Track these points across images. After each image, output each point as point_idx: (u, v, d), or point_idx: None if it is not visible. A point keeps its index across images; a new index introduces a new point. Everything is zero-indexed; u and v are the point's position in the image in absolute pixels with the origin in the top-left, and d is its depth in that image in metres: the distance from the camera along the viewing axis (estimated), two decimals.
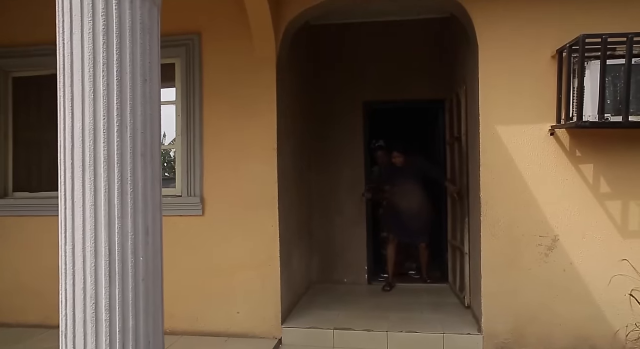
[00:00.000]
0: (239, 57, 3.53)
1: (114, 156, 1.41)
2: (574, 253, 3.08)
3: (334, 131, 4.92)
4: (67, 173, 1.43)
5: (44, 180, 4.08)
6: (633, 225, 3.03)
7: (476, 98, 3.33)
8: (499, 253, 3.17)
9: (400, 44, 4.79)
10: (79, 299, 1.41)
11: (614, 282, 3.00)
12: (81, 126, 1.41)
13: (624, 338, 2.98)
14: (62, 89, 1.44)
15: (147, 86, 1.51)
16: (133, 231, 1.44)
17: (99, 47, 1.40)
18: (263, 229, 3.48)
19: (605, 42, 2.64)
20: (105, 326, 1.40)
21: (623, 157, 3.05)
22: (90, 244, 1.40)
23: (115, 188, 1.41)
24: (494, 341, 3.18)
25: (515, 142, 3.17)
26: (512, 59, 3.17)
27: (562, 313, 3.10)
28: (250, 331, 3.47)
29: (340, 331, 3.39)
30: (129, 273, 1.43)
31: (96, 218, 1.40)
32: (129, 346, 1.43)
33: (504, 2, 3.15)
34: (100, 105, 1.40)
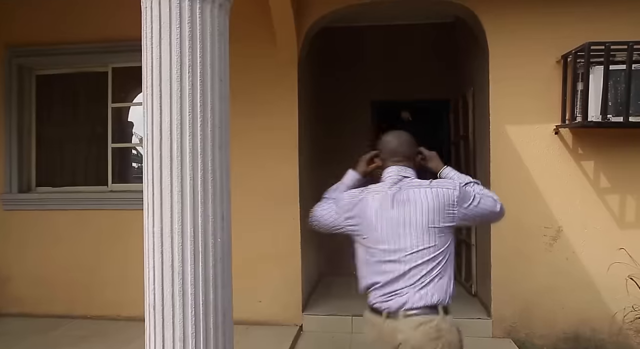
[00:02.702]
0: (261, 60, 3.69)
1: (198, 148, 1.59)
2: (576, 243, 3.34)
3: (343, 130, 5.11)
4: (156, 163, 1.58)
5: (67, 175, 4.20)
6: (630, 216, 3.31)
7: (485, 99, 3.56)
8: (508, 243, 3.41)
9: (407, 47, 5.02)
10: (167, 275, 1.58)
11: (612, 269, 3.26)
12: (169, 121, 1.57)
13: (621, 320, 3.25)
14: (150, 87, 1.61)
15: (222, 86, 1.70)
16: (213, 215, 1.62)
17: (185, 51, 1.58)
18: (285, 222, 3.67)
19: (609, 49, 2.90)
20: (191, 299, 1.57)
21: (621, 155, 3.32)
22: (178, 226, 1.57)
23: (199, 177, 1.59)
24: (503, 325, 3.42)
25: (522, 141, 3.41)
26: (520, 63, 3.41)
27: (564, 298, 3.35)
28: (272, 319, 3.65)
29: (358, 317, 3.58)
30: (209, 253, 1.61)
31: (183, 203, 1.57)
32: (210, 317, 1.61)
33: (514, 11, 3.39)
34: (187, 103, 1.58)
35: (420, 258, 1.67)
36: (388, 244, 1.71)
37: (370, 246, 1.76)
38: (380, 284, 1.72)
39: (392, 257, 1.70)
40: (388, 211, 1.73)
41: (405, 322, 1.65)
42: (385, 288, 1.71)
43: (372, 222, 1.75)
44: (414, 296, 1.66)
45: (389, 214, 1.72)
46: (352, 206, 1.82)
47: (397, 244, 1.69)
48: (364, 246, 1.79)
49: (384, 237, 1.72)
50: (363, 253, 1.81)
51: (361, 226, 1.78)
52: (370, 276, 1.77)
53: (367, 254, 1.78)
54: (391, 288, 1.70)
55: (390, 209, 1.73)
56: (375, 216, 1.74)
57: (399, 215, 1.71)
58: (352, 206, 1.82)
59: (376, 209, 1.75)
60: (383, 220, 1.72)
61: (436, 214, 1.69)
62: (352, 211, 1.81)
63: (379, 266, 1.73)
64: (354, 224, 1.81)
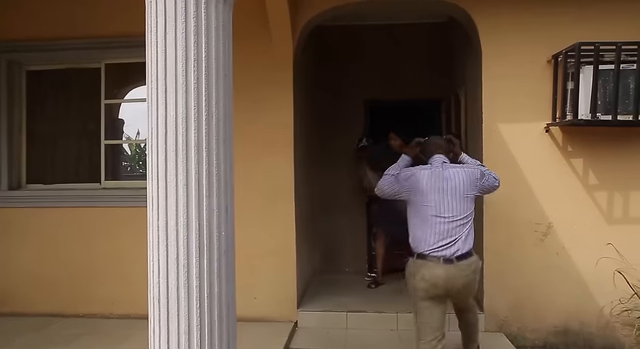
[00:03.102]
0: (257, 56, 3.69)
1: (203, 142, 1.59)
2: (565, 238, 3.42)
3: (337, 128, 5.15)
4: (161, 156, 1.59)
5: (58, 172, 4.15)
6: (617, 213, 3.40)
7: (478, 98, 3.63)
8: (499, 239, 3.48)
9: (401, 46, 5.07)
10: (172, 268, 1.58)
11: (600, 264, 3.35)
12: (174, 115, 1.58)
13: (609, 313, 3.35)
14: (155, 81, 1.61)
15: (227, 81, 1.71)
16: (217, 208, 1.63)
17: (190, 45, 1.58)
18: (280, 218, 3.68)
19: (598, 49, 2.98)
20: (196, 292, 1.58)
21: (609, 152, 3.41)
22: (183, 220, 1.58)
23: (204, 170, 1.59)
24: (495, 319, 3.49)
25: (514, 139, 3.49)
26: (512, 63, 3.48)
27: (555, 292, 3.43)
28: (267, 316, 3.66)
29: (353, 313, 3.64)
30: (214, 246, 1.62)
31: (188, 196, 1.58)
32: (215, 310, 1.62)
33: (507, 11, 3.46)
34: (192, 97, 1.58)
35: (461, 218, 2.44)
36: (439, 207, 2.43)
37: (423, 210, 2.45)
38: (436, 239, 2.42)
39: (443, 218, 2.42)
40: (438, 182, 2.47)
41: (458, 264, 2.40)
42: (440, 242, 2.42)
43: (425, 191, 2.47)
44: (461, 245, 2.42)
45: (438, 185, 2.46)
46: (407, 179, 2.55)
47: (447, 207, 2.43)
48: (419, 208, 2.48)
49: (435, 202, 2.44)
50: (416, 216, 2.50)
51: (414, 192, 2.50)
52: (426, 234, 2.44)
53: (419, 215, 2.48)
54: (445, 241, 2.41)
55: (440, 181, 2.47)
56: (426, 186, 2.48)
57: (445, 186, 2.46)
58: (407, 179, 2.55)
59: (427, 181, 2.48)
60: (434, 189, 2.46)
61: (468, 186, 2.48)
62: (407, 181, 2.54)
63: (434, 227, 2.43)
64: (409, 191, 2.53)
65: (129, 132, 5.94)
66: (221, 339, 1.62)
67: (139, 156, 11.94)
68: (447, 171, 2.50)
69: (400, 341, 3.35)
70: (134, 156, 12.29)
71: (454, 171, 2.50)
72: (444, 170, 2.51)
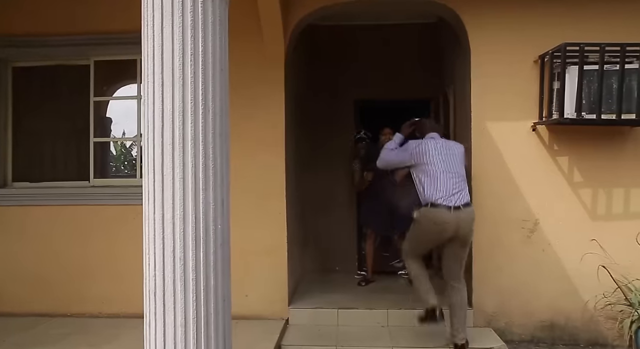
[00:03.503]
0: (249, 54, 3.70)
1: (199, 136, 1.60)
2: (552, 235, 3.50)
3: (327, 128, 5.17)
4: (157, 150, 1.59)
5: (46, 170, 4.10)
6: (601, 209, 3.49)
7: (467, 97, 3.69)
8: (488, 235, 3.54)
9: (391, 47, 5.11)
10: (169, 261, 1.59)
11: (585, 259, 3.43)
12: (171, 109, 1.59)
13: (593, 307, 3.43)
14: (152, 75, 1.61)
15: (223, 75, 1.72)
16: (214, 202, 1.64)
17: (187, 39, 1.59)
18: (272, 216, 3.69)
19: (583, 50, 3.06)
20: (193, 284, 1.59)
21: (593, 150, 3.50)
22: (180, 212, 1.58)
23: (200, 163, 1.60)
24: (483, 315, 3.55)
25: (502, 137, 3.56)
26: (500, 63, 3.55)
27: (541, 287, 3.51)
28: (259, 313, 3.66)
29: (344, 310, 3.66)
30: (210, 239, 1.63)
31: (184, 190, 1.58)
32: (211, 303, 1.63)
33: (495, 12, 3.53)
34: (189, 91, 1.59)
35: (462, 176, 3.12)
36: (444, 167, 3.07)
37: (432, 169, 3.07)
38: (445, 190, 3.03)
39: (449, 175, 3.05)
40: (442, 150, 3.13)
41: (464, 211, 3.02)
42: (449, 192, 3.03)
43: (433, 155, 3.10)
44: (465, 196, 3.06)
45: (443, 151, 3.12)
46: (416, 148, 3.15)
47: (451, 168, 3.08)
48: (427, 169, 3.08)
49: (441, 164, 3.08)
50: (426, 174, 3.09)
51: (424, 158, 3.10)
52: (436, 187, 3.04)
53: (430, 173, 3.07)
54: (451, 191, 3.03)
55: (444, 149, 3.13)
56: (434, 152, 3.11)
57: (448, 152, 3.13)
58: (416, 147, 3.15)
59: (433, 149, 3.12)
60: (441, 154, 3.11)
61: (461, 155, 3.20)
62: (416, 149, 3.14)
63: (442, 182, 3.04)
64: (418, 157, 3.11)
65: (116, 132, 5.88)
66: (217, 332, 1.63)
67: (125, 156, 11.80)
68: (447, 143, 3.25)
69: (390, 337, 3.39)
70: (119, 156, 12.13)
71: (452, 143, 3.31)
72: (444, 142, 3.23)
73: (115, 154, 11.81)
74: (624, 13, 3.44)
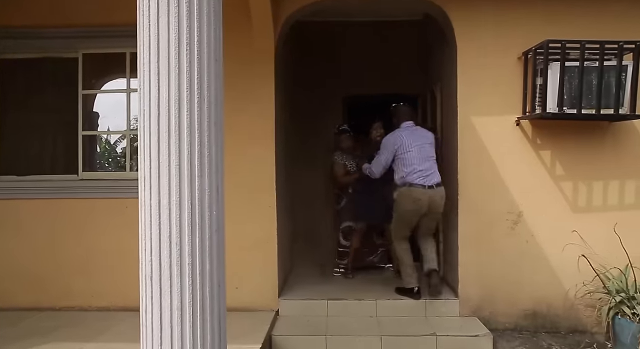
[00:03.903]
0: (239, 48, 3.71)
1: (195, 124, 1.64)
2: (535, 226, 3.61)
3: (316, 124, 5.22)
4: (153, 137, 1.62)
5: (33, 163, 4.06)
6: (581, 201, 3.61)
7: (453, 93, 3.78)
8: (473, 227, 3.64)
9: (378, 44, 5.19)
10: (165, 246, 1.62)
11: (566, 250, 3.55)
12: (167, 97, 1.62)
13: (573, 295, 3.56)
14: (147, 64, 1.64)
15: (217, 65, 1.76)
16: (209, 188, 1.68)
17: (183, 29, 1.62)
18: (262, 209, 3.73)
19: (564, 47, 3.16)
20: (189, 269, 1.63)
21: (574, 145, 3.62)
22: (176, 198, 1.62)
23: (196, 151, 1.64)
24: (469, 304, 3.65)
25: (487, 131, 3.65)
26: (485, 59, 3.64)
27: (524, 277, 3.62)
28: (249, 305, 3.70)
29: (333, 301, 3.73)
30: (206, 225, 1.67)
31: (180, 176, 1.62)
32: (207, 287, 1.67)
33: (481, 9, 3.62)
34: (184, 80, 1.63)
35: (433, 160, 3.67)
36: (418, 152, 3.62)
37: (408, 156, 3.61)
38: (420, 172, 3.58)
39: (423, 159, 3.60)
40: (414, 137, 3.69)
41: (436, 190, 3.60)
42: (423, 173, 3.59)
43: (407, 143, 3.66)
44: (436, 177, 3.63)
45: (414, 138, 3.69)
46: (394, 144, 3.70)
47: (423, 153, 3.63)
48: (405, 157, 3.63)
49: (416, 150, 3.62)
50: (404, 160, 3.63)
51: (400, 148, 3.66)
52: (413, 169, 3.58)
53: (407, 160, 3.61)
54: (426, 173, 3.59)
55: (415, 136, 3.71)
56: (407, 140, 3.67)
57: (420, 139, 3.68)
58: (394, 144, 3.70)
59: (407, 137, 3.68)
60: (413, 141, 3.67)
61: (431, 140, 3.77)
62: (394, 145, 3.69)
63: (417, 164, 3.59)
64: (398, 149, 3.66)
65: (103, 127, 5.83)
66: (212, 316, 1.67)
67: (109, 153, 11.67)
68: (418, 130, 3.79)
69: (379, 326, 3.46)
70: (103, 153, 12.00)
71: (422, 131, 3.82)
72: (416, 130, 3.77)
73: (100, 151, 11.66)
74: (605, 12, 3.56)
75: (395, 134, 3.74)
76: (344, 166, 4.55)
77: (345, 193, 4.62)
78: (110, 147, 12.33)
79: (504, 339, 3.47)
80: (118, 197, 3.81)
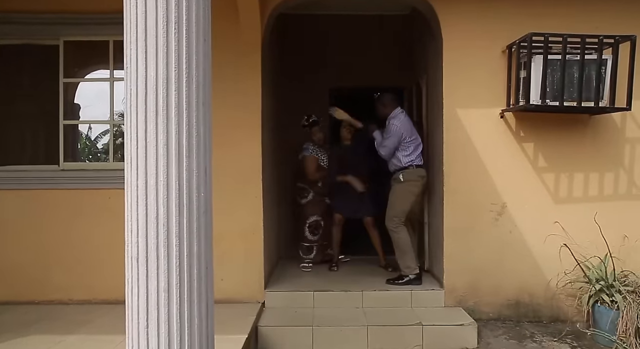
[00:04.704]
0: (225, 39, 3.65)
1: (183, 103, 1.62)
2: (518, 217, 3.68)
3: (302, 115, 5.19)
4: (140, 117, 1.60)
5: (12, 153, 3.95)
6: (563, 193, 3.69)
7: (439, 85, 3.81)
8: (458, 218, 3.68)
9: (365, 37, 5.21)
10: (152, 227, 1.60)
11: (548, 240, 3.62)
12: (155, 76, 1.59)
13: (555, 285, 3.63)
14: (135, 42, 1.61)
15: (206, 45, 1.74)
16: (197, 169, 1.66)
17: (171, 7, 1.60)
18: (248, 200, 3.71)
19: (547, 40, 3.23)
20: (176, 250, 1.60)
21: (556, 137, 3.70)
22: (163, 179, 1.59)
23: (184, 131, 1.62)
24: (454, 295, 3.69)
25: (472, 124, 3.70)
26: (470, 52, 3.69)
27: (508, 267, 3.68)
28: (234, 297, 3.68)
29: (320, 292, 3.73)
30: (194, 206, 1.65)
31: (168, 156, 1.60)
32: (195, 269, 1.65)
33: (467, 4, 3.66)
34: (172, 59, 1.60)
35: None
36: (416, 138, 3.95)
37: (411, 140, 3.91)
38: (420, 153, 3.95)
39: (418, 141, 3.96)
40: (411, 123, 4.02)
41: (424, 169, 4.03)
42: (421, 154, 3.96)
43: (411, 129, 3.96)
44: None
45: (412, 125, 4.01)
46: (401, 130, 3.90)
47: (418, 137, 3.97)
48: (410, 142, 3.91)
49: (415, 134, 3.95)
50: (409, 146, 3.91)
51: (409, 136, 3.92)
52: (416, 151, 3.92)
53: (412, 145, 3.91)
54: (421, 155, 3.96)
55: (413, 123, 4.07)
56: (410, 126, 3.97)
57: (412, 126, 4.01)
58: (400, 129, 3.91)
59: (408, 122, 3.98)
60: (413, 126, 4.00)
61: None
62: (403, 128, 3.91)
63: (417, 148, 3.93)
64: (406, 137, 3.90)
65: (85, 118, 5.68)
66: (200, 297, 1.65)
67: (89, 149, 11.48)
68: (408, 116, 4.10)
69: (365, 317, 3.48)
70: (83, 149, 11.78)
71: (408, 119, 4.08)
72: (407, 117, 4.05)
73: (80, 147, 11.43)
74: (588, 7, 3.63)
75: (402, 121, 3.92)
76: (317, 160, 4.45)
77: (314, 187, 4.51)
78: (91, 142, 12.10)
79: (487, 329, 3.53)
80: (101, 188, 3.74)
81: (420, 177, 3.94)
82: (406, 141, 3.88)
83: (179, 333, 1.60)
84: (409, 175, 3.90)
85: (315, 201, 4.52)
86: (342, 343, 3.26)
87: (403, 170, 3.90)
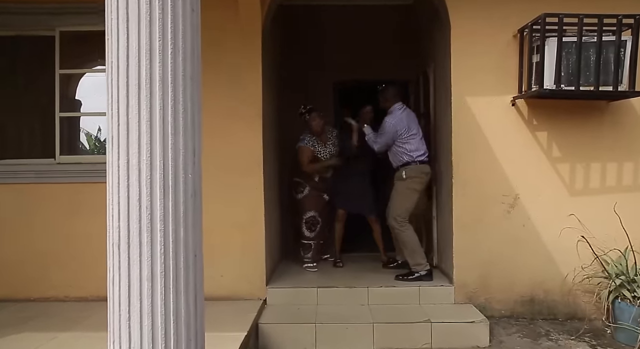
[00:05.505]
0: (225, 29, 3.55)
1: (168, 77, 1.49)
2: (531, 210, 3.50)
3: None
4: (122, 91, 1.48)
5: (7, 147, 3.86)
6: (579, 184, 3.51)
7: (447, 73, 3.65)
8: (468, 211, 3.52)
9: (369, 28, 5.06)
10: (134, 210, 1.47)
11: (564, 234, 3.44)
12: (137, 46, 1.47)
13: (571, 281, 3.44)
14: (116, 10, 1.50)
15: (194, 16, 1.61)
16: (184, 149, 1.53)
17: None
18: (249, 193, 3.57)
19: (562, 21, 3.05)
20: (160, 235, 1.48)
21: (571, 125, 3.52)
22: (146, 158, 1.47)
23: (169, 107, 1.49)
24: (464, 291, 3.52)
25: (482, 112, 3.54)
26: (479, 38, 3.53)
27: (521, 262, 3.51)
28: (235, 294, 3.55)
29: (324, 289, 3.58)
30: (180, 188, 1.51)
31: (152, 134, 1.47)
32: (181, 256, 1.52)
33: None
34: (157, 28, 1.48)
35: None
36: (417, 130, 3.82)
37: (410, 136, 3.77)
38: (423, 149, 3.82)
39: (420, 136, 3.83)
40: (411, 117, 3.86)
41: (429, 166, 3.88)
42: (424, 150, 3.82)
43: (409, 125, 3.79)
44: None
45: (412, 119, 3.86)
46: (398, 124, 3.78)
47: (420, 130, 3.86)
48: (410, 139, 3.77)
49: (415, 128, 3.81)
50: (409, 143, 3.76)
51: (404, 129, 3.77)
52: (417, 147, 3.78)
53: (412, 142, 3.77)
54: (425, 149, 3.82)
55: (412, 117, 3.88)
56: (408, 121, 3.80)
57: (415, 120, 3.89)
58: (394, 126, 3.78)
59: (406, 118, 3.81)
60: (412, 121, 3.85)
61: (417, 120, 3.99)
62: (399, 125, 3.77)
63: (420, 142, 3.81)
64: (402, 130, 3.76)
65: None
66: (187, 287, 1.51)
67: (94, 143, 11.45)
68: (411, 112, 3.92)
69: (371, 314, 3.32)
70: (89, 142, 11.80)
71: (409, 110, 3.95)
72: (410, 112, 3.90)
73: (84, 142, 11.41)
74: None
75: (397, 117, 3.77)
76: (312, 151, 4.16)
77: (310, 181, 4.27)
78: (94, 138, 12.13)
79: (500, 326, 3.36)
80: (98, 182, 3.61)
81: (424, 174, 3.78)
82: (404, 136, 3.73)
83: (163, 326, 1.47)
84: (412, 171, 3.75)
85: (311, 196, 4.27)
86: (346, 340, 3.11)
87: (405, 166, 3.75)
